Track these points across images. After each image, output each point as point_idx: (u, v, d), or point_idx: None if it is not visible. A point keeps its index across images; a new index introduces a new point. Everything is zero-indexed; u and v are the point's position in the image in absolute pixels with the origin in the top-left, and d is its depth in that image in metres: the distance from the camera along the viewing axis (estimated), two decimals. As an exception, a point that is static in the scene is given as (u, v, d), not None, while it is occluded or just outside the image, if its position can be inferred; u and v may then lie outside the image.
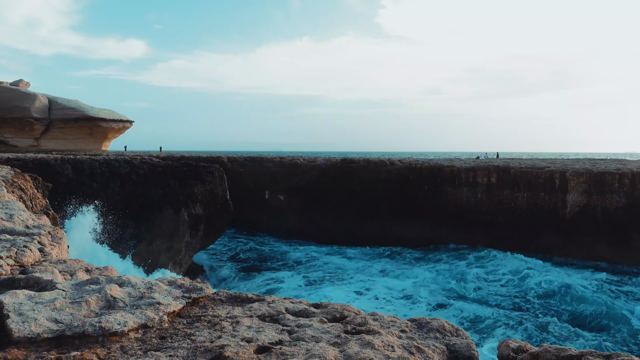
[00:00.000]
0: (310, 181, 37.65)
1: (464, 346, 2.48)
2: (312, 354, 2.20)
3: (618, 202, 24.51)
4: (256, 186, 39.05)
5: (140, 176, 23.03)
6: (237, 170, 39.55)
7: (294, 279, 24.34)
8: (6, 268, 3.30)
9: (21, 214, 5.43)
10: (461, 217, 29.74)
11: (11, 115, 43.10)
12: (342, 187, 35.43)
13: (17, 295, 2.62)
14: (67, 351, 2.16)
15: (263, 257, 30.29)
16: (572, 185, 25.71)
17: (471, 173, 30.02)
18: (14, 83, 48.60)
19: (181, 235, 21.81)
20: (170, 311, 2.68)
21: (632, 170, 24.73)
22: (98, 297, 2.69)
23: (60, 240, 4.59)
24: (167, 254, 21.20)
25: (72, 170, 21.82)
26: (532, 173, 27.59)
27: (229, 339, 2.35)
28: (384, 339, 2.44)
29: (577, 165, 27.72)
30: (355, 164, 36.61)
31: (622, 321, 17.45)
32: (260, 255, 30.88)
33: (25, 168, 18.07)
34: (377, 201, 33.42)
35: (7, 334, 2.24)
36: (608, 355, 2.27)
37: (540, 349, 2.38)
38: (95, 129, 47.62)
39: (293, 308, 2.96)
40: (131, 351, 2.22)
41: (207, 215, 24.10)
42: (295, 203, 37.66)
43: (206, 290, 3.10)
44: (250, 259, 30.00)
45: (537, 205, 27.11)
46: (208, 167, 25.55)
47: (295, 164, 39.85)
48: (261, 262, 28.89)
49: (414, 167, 33.12)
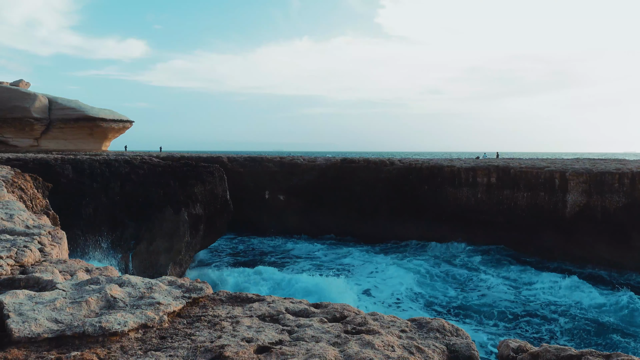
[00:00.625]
0: (310, 181, 37.65)
1: (464, 346, 2.48)
2: (312, 353, 2.20)
3: (618, 202, 24.49)
4: (256, 186, 39.05)
5: (140, 176, 23.03)
6: (237, 170, 39.55)
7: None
8: (6, 268, 3.30)
9: (21, 214, 5.43)
10: (461, 217, 29.75)
11: (11, 116, 43.10)
12: (342, 187, 35.43)
13: (17, 295, 2.62)
14: (68, 351, 2.16)
15: (264, 253, 31.10)
16: (572, 185, 25.70)
17: (471, 173, 30.01)
18: (14, 83, 48.61)
19: (181, 235, 21.81)
20: (171, 311, 2.68)
21: (632, 170, 24.71)
22: (98, 297, 2.70)
23: (61, 240, 4.59)
24: (167, 254, 21.20)
25: (72, 171, 21.82)
26: (532, 173, 27.58)
27: (229, 339, 2.36)
28: (384, 339, 2.44)
29: (577, 165, 27.70)
30: (355, 164, 36.61)
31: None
32: (260, 251, 31.69)
33: (25, 168, 18.08)
34: (378, 201, 33.42)
35: (7, 334, 2.25)
36: (608, 355, 2.27)
37: (540, 348, 2.38)
38: (96, 129, 47.63)
39: (293, 308, 2.96)
40: (131, 351, 2.22)
41: (207, 215, 24.10)
42: (295, 203, 37.66)
43: (206, 290, 3.11)
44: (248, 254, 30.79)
45: (537, 205, 27.10)
46: (208, 167, 25.55)
47: (295, 164, 39.85)
48: (261, 256, 29.58)
49: (414, 167, 33.11)
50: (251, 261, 28.04)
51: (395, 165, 34.38)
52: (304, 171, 38.72)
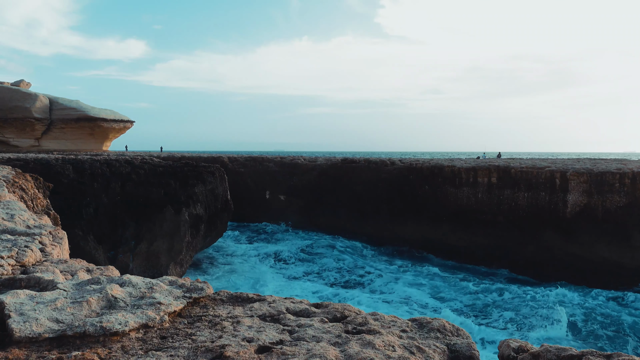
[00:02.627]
0: (310, 181, 37.65)
1: (465, 346, 2.48)
2: (312, 353, 2.20)
3: (619, 201, 24.46)
4: (257, 186, 39.05)
5: (141, 176, 23.03)
6: (238, 170, 39.55)
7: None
8: (7, 268, 3.30)
9: (22, 214, 5.43)
10: (462, 217, 29.74)
11: (12, 116, 43.15)
12: (343, 187, 35.43)
13: (18, 295, 2.62)
14: (68, 351, 2.17)
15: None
16: (572, 185, 25.66)
17: (471, 173, 29.99)
18: (15, 83, 48.65)
19: (182, 235, 21.81)
20: (171, 311, 2.68)
21: (632, 170, 24.67)
22: (99, 297, 2.70)
23: (61, 240, 4.60)
24: (167, 254, 21.21)
25: (73, 171, 21.83)
26: (532, 173, 27.55)
27: (229, 339, 2.36)
28: (385, 339, 2.44)
29: (577, 165, 27.67)
30: (355, 163, 36.59)
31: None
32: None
33: (26, 168, 18.10)
34: (378, 201, 33.41)
35: (8, 334, 2.25)
36: (609, 355, 2.27)
37: (541, 348, 2.38)
38: (96, 129, 47.67)
39: (294, 308, 2.97)
40: (132, 351, 2.22)
41: (208, 215, 24.11)
42: (295, 203, 37.66)
43: (207, 290, 3.11)
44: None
45: (537, 205, 27.06)
46: (209, 167, 25.56)
47: (295, 163, 39.84)
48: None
49: (415, 167, 33.10)
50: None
51: (396, 165, 34.36)
52: (305, 171, 38.72)
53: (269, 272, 25.50)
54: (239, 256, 28.86)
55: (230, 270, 25.60)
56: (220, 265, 26.48)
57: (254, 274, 24.85)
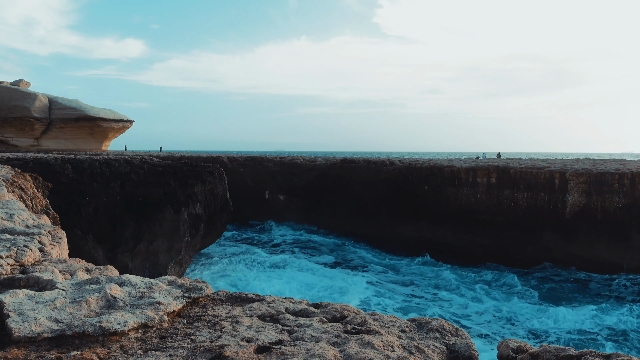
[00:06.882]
0: (310, 181, 37.66)
1: (464, 346, 2.48)
2: (312, 353, 2.20)
3: (618, 202, 24.50)
4: (256, 186, 39.04)
5: (140, 176, 23.02)
6: (237, 170, 39.54)
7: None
8: (6, 268, 3.30)
9: (21, 213, 5.43)
10: (461, 217, 29.75)
11: (12, 115, 43.14)
12: (343, 187, 35.43)
13: (17, 294, 2.62)
14: (67, 351, 2.16)
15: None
16: (572, 186, 25.69)
17: (471, 173, 30.01)
18: (14, 83, 48.64)
19: (181, 235, 21.81)
20: (171, 311, 2.68)
21: (631, 170, 24.71)
22: (98, 297, 2.70)
23: (61, 240, 4.59)
24: (167, 253, 21.20)
25: (72, 170, 21.82)
26: (531, 173, 27.57)
27: (229, 339, 2.36)
28: (384, 339, 2.44)
29: (576, 165, 27.70)
30: (355, 163, 36.60)
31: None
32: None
33: (25, 167, 18.09)
34: (378, 201, 33.42)
35: (7, 334, 2.25)
36: (608, 355, 2.27)
37: (540, 349, 2.39)
38: (96, 129, 47.66)
39: (293, 308, 2.97)
40: (131, 351, 2.22)
41: (208, 215, 24.10)
42: (295, 203, 37.68)
43: (206, 290, 3.11)
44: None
45: (536, 205, 27.09)
46: (208, 167, 25.55)
47: (295, 163, 39.84)
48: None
49: (414, 167, 33.11)
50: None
51: (396, 165, 34.37)
52: (304, 171, 38.72)
53: (266, 271, 25.58)
54: (237, 255, 28.90)
55: (229, 270, 25.62)
56: (218, 264, 26.50)
57: (251, 273, 24.90)
